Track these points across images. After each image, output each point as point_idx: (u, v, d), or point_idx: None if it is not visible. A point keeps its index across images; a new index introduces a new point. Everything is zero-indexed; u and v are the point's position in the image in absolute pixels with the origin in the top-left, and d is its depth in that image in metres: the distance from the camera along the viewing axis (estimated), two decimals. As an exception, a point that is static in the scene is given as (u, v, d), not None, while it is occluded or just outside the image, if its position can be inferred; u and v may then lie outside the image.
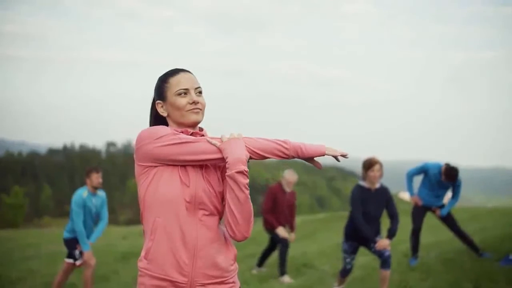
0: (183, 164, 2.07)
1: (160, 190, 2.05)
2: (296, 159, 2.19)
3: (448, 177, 6.68)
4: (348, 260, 5.55)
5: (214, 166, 2.15)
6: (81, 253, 6.09)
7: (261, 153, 2.11)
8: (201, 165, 2.11)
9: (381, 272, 5.36)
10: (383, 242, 5.22)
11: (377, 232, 5.39)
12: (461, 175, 6.83)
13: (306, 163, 2.18)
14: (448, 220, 7.00)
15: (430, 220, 7.91)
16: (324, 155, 2.19)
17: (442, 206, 6.98)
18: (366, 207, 5.32)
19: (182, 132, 2.13)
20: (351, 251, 5.53)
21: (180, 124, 2.16)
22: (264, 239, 8.42)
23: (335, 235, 10.74)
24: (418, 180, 7.14)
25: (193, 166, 2.09)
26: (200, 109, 2.15)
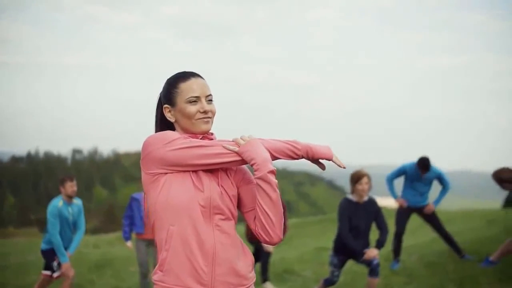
0: (198, 169, 1.97)
1: (173, 196, 1.94)
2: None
3: (422, 167, 6.78)
4: (336, 273, 5.47)
5: (226, 170, 2.07)
6: (59, 264, 5.88)
7: (274, 153, 2.03)
8: (214, 170, 2.02)
9: (368, 280, 5.30)
10: (371, 252, 5.17)
11: (366, 246, 5.31)
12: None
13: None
14: (434, 221, 7.04)
15: (409, 223, 7.95)
16: (330, 160, 2.13)
17: (425, 206, 6.99)
18: (355, 221, 5.24)
19: (191, 137, 2.03)
20: (340, 265, 5.46)
21: (188, 132, 2.06)
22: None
23: (311, 240, 10.72)
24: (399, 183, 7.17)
25: (205, 171, 1.99)
26: (210, 118, 2.06)
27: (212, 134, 2.12)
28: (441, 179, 6.93)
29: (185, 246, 1.93)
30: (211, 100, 2.07)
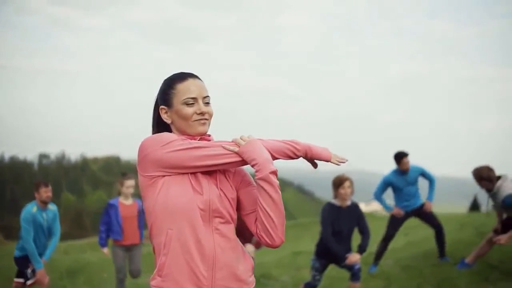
0: (197, 171, 1.93)
1: (171, 199, 1.89)
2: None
3: (398, 163, 6.86)
4: (317, 277, 5.48)
5: (225, 172, 2.03)
6: (33, 271, 5.74)
7: (274, 154, 2.00)
8: (212, 172, 1.98)
9: (350, 284, 5.33)
10: (353, 257, 5.18)
11: (348, 250, 5.33)
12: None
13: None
14: (432, 219, 7.06)
15: (382, 229, 8.01)
16: (329, 162, 2.11)
17: (422, 206, 7.02)
18: (338, 226, 5.25)
19: (189, 139, 1.99)
20: (322, 269, 5.47)
21: (184, 134, 2.02)
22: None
23: (287, 245, 10.70)
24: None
25: (203, 173, 1.95)
26: (207, 120, 2.02)
27: (209, 136, 2.08)
28: (424, 174, 7.01)
29: (184, 250, 1.88)
30: (208, 102, 2.03)
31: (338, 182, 5.24)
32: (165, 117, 2.04)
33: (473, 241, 8.22)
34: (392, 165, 7.03)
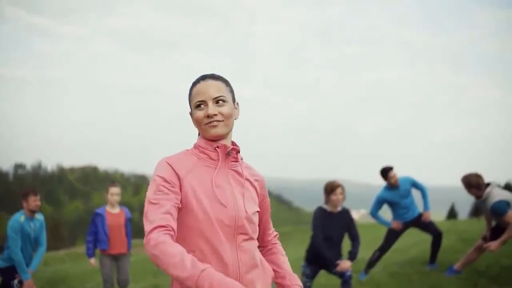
0: None
1: (195, 215, 1.83)
2: None
3: (385, 178, 6.92)
4: (308, 284, 5.46)
5: (251, 186, 1.99)
6: (20, 282, 5.61)
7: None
8: (239, 186, 1.93)
9: None
10: (344, 264, 5.18)
11: (339, 256, 5.33)
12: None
13: None
14: (430, 226, 7.03)
15: (367, 235, 8.05)
16: None
17: (420, 216, 7.03)
18: (329, 231, 5.26)
19: (204, 150, 1.94)
20: (312, 276, 5.46)
21: (204, 138, 1.96)
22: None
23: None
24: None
25: (228, 188, 1.91)
26: (220, 121, 1.90)
27: (234, 145, 2.00)
28: (415, 185, 7.05)
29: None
30: (221, 101, 1.92)
31: (330, 189, 5.25)
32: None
33: (457, 248, 8.30)
34: (370, 174, 7.10)
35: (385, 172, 6.93)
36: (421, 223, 7.04)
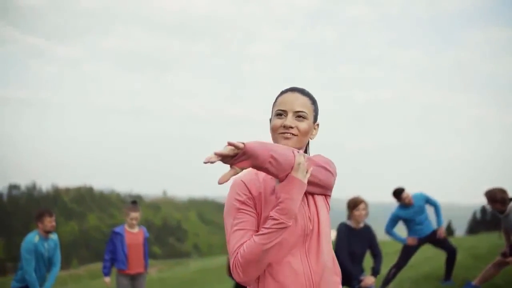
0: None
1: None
2: None
3: (399, 200, 6.97)
4: None
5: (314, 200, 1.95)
6: (34, 303, 5.53)
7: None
8: (310, 200, 1.92)
9: None
10: (369, 280, 5.20)
11: (361, 271, 5.35)
12: (374, 211, 7.09)
13: (217, 201, 2.06)
14: (445, 242, 7.09)
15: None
16: None
17: (435, 232, 7.05)
18: (352, 247, 5.29)
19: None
20: None
21: None
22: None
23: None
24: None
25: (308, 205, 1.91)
26: (294, 134, 1.91)
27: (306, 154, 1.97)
28: (428, 201, 7.07)
29: (279, 284, 1.81)
30: (301, 117, 1.93)
31: (353, 204, 5.28)
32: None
33: (468, 264, 8.29)
34: (365, 191, 7.11)
35: (398, 194, 6.98)
36: (436, 239, 7.04)
